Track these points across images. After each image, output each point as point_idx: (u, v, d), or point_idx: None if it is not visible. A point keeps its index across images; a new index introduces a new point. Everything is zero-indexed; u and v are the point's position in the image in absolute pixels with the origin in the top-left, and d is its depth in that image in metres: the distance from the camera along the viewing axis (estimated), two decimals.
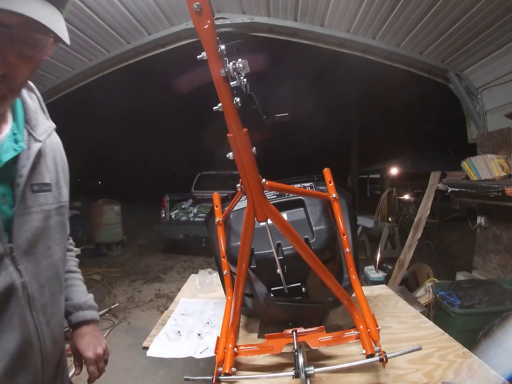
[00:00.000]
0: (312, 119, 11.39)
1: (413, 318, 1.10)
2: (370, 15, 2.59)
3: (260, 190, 0.67)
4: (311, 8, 2.71)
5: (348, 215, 1.07)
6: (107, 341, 0.89)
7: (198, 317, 1.20)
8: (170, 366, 2.53)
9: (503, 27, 2.33)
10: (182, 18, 2.95)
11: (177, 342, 1.04)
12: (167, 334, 1.09)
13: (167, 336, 1.07)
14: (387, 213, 4.44)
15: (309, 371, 0.73)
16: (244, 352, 0.87)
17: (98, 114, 13.90)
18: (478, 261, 3.08)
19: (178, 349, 1.00)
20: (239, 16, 3.00)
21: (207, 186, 7.09)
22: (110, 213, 6.13)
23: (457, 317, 2.01)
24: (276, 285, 0.89)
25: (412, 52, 2.98)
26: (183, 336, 1.08)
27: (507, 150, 2.62)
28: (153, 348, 1.01)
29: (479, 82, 2.95)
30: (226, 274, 1.05)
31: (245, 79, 0.56)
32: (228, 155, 0.64)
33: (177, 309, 1.30)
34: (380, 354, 0.74)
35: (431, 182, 3.26)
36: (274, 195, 1.05)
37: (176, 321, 1.18)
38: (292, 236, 0.75)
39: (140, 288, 4.40)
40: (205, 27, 0.51)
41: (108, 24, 2.80)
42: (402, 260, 3.22)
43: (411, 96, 9.22)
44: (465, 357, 0.85)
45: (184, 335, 1.08)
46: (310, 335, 0.84)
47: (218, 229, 1.09)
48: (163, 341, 1.04)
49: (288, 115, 0.70)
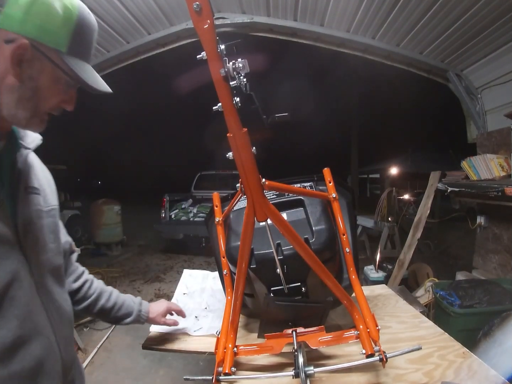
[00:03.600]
0: (312, 119, 11.39)
1: (413, 318, 1.10)
2: (370, 15, 2.59)
3: (260, 190, 0.67)
4: (311, 8, 2.71)
5: (348, 215, 1.07)
6: (107, 341, 0.90)
7: (198, 299, 1.33)
8: (170, 366, 2.53)
9: (503, 27, 2.33)
10: (182, 18, 2.95)
11: None
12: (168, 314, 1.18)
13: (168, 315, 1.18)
14: (387, 213, 4.44)
15: (309, 371, 0.73)
16: (244, 352, 0.87)
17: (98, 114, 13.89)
18: (478, 261, 3.08)
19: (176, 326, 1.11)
20: (239, 16, 3.00)
21: (207, 186, 7.08)
22: (110, 213, 6.13)
23: (457, 317, 2.01)
24: (276, 285, 0.89)
25: (412, 52, 2.98)
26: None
27: (507, 150, 2.61)
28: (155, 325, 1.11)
29: (479, 82, 2.95)
30: (226, 274, 1.05)
31: (244, 79, 0.56)
32: (228, 155, 0.64)
33: (180, 285, 1.41)
34: (380, 354, 0.74)
35: (431, 181, 3.26)
36: (274, 195, 1.05)
37: (178, 302, 1.28)
38: (292, 236, 0.75)
39: (140, 288, 4.40)
40: (205, 27, 0.52)
41: (108, 24, 2.81)
42: (402, 260, 3.22)
43: (411, 96, 9.21)
44: (465, 357, 0.85)
45: None
46: (310, 335, 0.84)
47: (218, 229, 1.09)
48: None
49: (288, 115, 0.71)
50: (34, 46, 0.54)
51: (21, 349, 0.58)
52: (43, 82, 0.57)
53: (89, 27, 0.60)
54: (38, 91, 0.57)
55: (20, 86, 0.55)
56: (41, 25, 0.54)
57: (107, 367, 2.53)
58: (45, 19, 0.54)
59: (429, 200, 3.19)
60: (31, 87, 0.56)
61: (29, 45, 0.53)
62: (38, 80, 0.56)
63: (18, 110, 0.57)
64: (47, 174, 0.78)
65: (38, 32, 0.54)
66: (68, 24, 0.56)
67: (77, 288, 0.88)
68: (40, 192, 0.70)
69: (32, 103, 0.57)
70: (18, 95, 0.56)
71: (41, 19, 0.54)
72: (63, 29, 0.56)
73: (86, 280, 0.91)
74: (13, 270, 0.57)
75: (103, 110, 13.18)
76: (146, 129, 18.56)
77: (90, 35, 0.61)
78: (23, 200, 0.64)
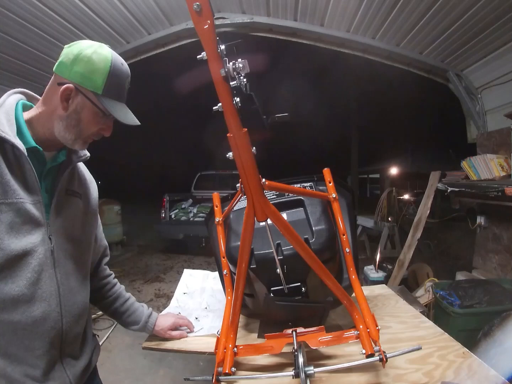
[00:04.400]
0: (312, 119, 11.37)
1: (413, 318, 1.10)
2: (370, 15, 2.59)
3: (260, 190, 0.67)
4: (311, 8, 2.71)
5: (348, 215, 1.07)
6: (107, 341, 0.94)
7: (198, 299, 1.34)
8: (170, 366, 2.54)
9: (503, 27, 2.33)
10: (182, 18, 2.95)
11: None
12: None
13: None
14: (387, 213, 4.45)
15: (309, 371, 0.73)
16: (244, 352, 0.87)
17: None
18: (478, 261, 3.08)
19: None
20: (239, 16, 3.00)
21: (207, 186, 7.09)
22: (110, 213, 6.12)
23: (457, 317, 2.01)
24: (276, 285, 0.89)
25: (412, 52, 2.98)
26: None
27: (507, 150, 2.62)
28: None
29: (479, 82, 2.95)
30: (226, 274, 1.05)
31: (245, 79, 0.56)
32: (228, 155, 0.64)
33: (180, 285, 1.41)
34: (380, 354, 0.74)
35: (431, 182, 3.26)
36: (274, 195, 1.05)
37: (178, 302, 1.31)
38: (292, 236, 0.75)
39: (140, 288, 4.40)
40: (205, 27, 0.52)
41: (108, 24, 2.81)
42: (402, 260, 3.22)
43: (411, 96, 9.20)
44: (465, 357, 0.85)
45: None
46: (310, 335, 0.84)
47: (218, 229, 1.09)
48: None
49: (288, 115, 0.70)
50: (77, 89, 0.73)
51: (23, 305, 0.71)
52: (84, 115, 0.76)
53: (121, 75, 0.78)
54: (81, 121, 0.76)
55: (67, 116, 0.75)
56: (82, 73, 0.72)
57: (107, 367, 2.53)
58: (86, 69, 0.72)
59: (429, 200, 3.19)
60: (75, 118, 0.76)
61: (73, 88, 0.73)
62: (81, 113, 0.75)
63: (66, 134, 0.76)
64: (93, 185, 0.97)
65: (80, 78, 0.73)
66: (103, 73, 0.73)
67: (99, 287, 1.02)
68: (82, 197, 0.88)
69: (76, 129, 0.76)
70: (66, 123, 0.75)
71: (83, 69, 0.72)
72: (99, 77, 0.73)
73: (109, 282, 1.05)
74: (34, 243, 0.73)
75: None
76: (146, 129, 18.54)
77: (123, 80, 0.79)
78: (61, 197, 0.81)
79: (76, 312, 0.82)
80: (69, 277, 0.81)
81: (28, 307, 0.72)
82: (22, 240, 0.71)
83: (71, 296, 0.81)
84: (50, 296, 0.75)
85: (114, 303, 1.04)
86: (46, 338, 0.75)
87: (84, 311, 0.87)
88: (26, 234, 0.72)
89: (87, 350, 0.90)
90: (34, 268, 0.73)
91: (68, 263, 0.81)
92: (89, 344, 0.92)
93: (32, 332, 0.73)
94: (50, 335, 0.75)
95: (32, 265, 0.72)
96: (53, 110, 0.75)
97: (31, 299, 0.72)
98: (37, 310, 0.73)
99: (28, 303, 0.72)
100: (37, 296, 0.73)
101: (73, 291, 0.82)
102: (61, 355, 0.79)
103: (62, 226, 0.80)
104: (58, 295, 0.77)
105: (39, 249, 0.74)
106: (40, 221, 0.75)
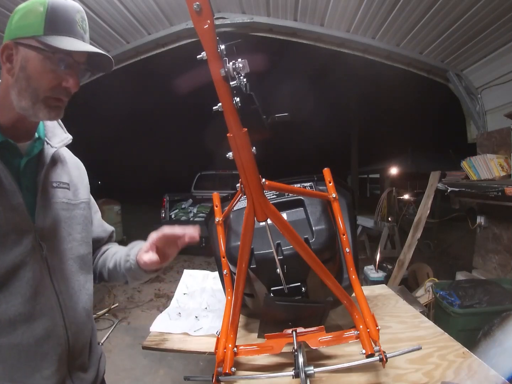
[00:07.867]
0: (312, 119, 11.38)
1: (413, 318, 1.10)
2: (370, 15, 2.59)
3: (260, 190, 0.67)
4: (311, 8, 2.71)
5: (348, 215, 1.07)
6: (107, 341, 0.92)
7: (198, 299, 1.34)
8: (170, 366, 2.53)
9: (503, 27, 2.33)
10: (182, 18, 2.95)
11: (177, 321, 1.19)
12: (169, 314, 1.23)
13: (168, 315, 1.22)
14: (387, 213, 4.45)
15: (309, 371, 0.73)
16: (244, 352, 0.86)
17: (98, 113, 13.89)
18: (478, 261, 3.08)
19: (177, 326, 1.14)
20: (239, 16, 3.00)
21: (207, 186, 7.08)
22: (110, 213, 6.12)
23: (457, 317, 2.01)
24: (276, 285, 0.89)
25: (411, 52, 2.98)
26: (183, 317, 1.22)
27: (507, 150, 2.62)
28: (156, 324, 1.16)
29: (479, 82, 2.95)
30: (226, 274, 1.05)
31: (244, 79, 0.56)
32: (228, 155, 0.63)
33: (180, 285, 1.42)
34: (380, 354, 0.74)
35: (431, 182, 3.26)
36: (274, 195, 1.05)
37: (178, 302, 1.32)
38: (292, 236, 0.75)
39: (140, 288, 4.39)
40: (205, 27, 0.51)
41: (108, 24, 2.81)
42: (402, 260, 3.22)
43: (411, 96, 9.22)
44: (465, 357, 0.85)
45: (184, 316, 1.22)
46: (310, 335, 0.84)
47: (218, 229, 1.09)
48: (165, 319, 1.20)
49: (288, 115, 0.70)
50: (16, 43, 0.62)
51: (22, 325, 0.64)
52: (32, 68, 0.63)
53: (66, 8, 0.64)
54: (30, 77, 0.63)
55: (16, 80, 0.63)
56: (17, 26, 0.63)
57: (107, 367, 2.52)
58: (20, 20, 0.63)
59: (429, 200, 3.19)
60: (24, 77, 0.63)
61: (12, 43, 0.63)
62: (27, 68, 0.63)
63: (21, 102, 0.63)
64: (81, 169, 0.86)
65: (17, 30, 0.63)
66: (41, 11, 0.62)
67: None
68: (70, 187, 0.78)
69: (30, 90, 0.63)
70: (17, 88, 0.63)
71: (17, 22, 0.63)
72: (36, 19, 0.62)
73: (97, 254, 0.93)
74: (23, 253, 0.64)
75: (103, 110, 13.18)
76: (146, 128, 18.55)
77: (70, 14, 0.65)
78: (45, 193, 0.71)
79: (81, 320, 0.75)
80: (68, 282, 0.73)
81: (28, 326, 0.64)
82: (9, 254, 0.62)
83: (73, 304, 0.73)
84: (51, 310, 0.68)
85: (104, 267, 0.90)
86: (53, 356, 0.68)
87: (89, 317, 0.80)
88: (12, 246, 0.63)
89: (94, 361, 0.84)
90: (28, 282, 0.64)
91: (65, 266, 0.73)
92: (95, 354, 0.86)
93: (36, 352, 0.65)
94: (57, 352, 0.68)
95: (25, 278, 0.64)
96: (5, 84, 0.64)
97: (30, 317, 0.64)
98: (39, 327, 0.65)
99: (27, 322, 0.64)
100: (36, 312, 0.65)
101: (75, 297, 0.74)
102: (69, 370, 0.73)
103: (52, 227, 0.71)
104: (59, 306, 0.69)
105: (30, 260, 0.65)
106: (25, 227, 0.65)
